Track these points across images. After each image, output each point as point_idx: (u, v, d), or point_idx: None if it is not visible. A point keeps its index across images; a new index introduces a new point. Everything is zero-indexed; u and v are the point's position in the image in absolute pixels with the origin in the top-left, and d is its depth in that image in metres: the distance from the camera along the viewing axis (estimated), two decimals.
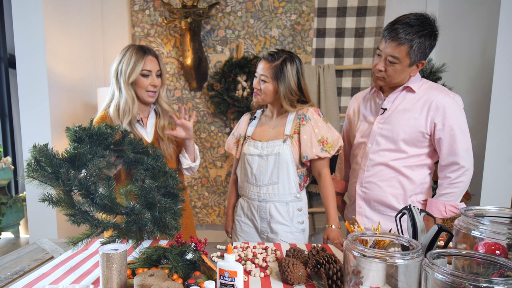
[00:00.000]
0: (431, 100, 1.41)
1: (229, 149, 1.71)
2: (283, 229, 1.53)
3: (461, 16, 2.36)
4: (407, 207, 1.05)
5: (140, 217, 1.01)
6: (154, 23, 2.68)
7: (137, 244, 1.08)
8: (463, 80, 2.30)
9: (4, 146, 3.10)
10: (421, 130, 1.42)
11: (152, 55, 1.49)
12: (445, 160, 1.42)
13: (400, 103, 1.47)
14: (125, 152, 1.10)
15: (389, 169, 1.49)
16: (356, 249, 0.82)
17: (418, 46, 1.34)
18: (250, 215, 1.60)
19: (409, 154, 1.46)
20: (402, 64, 1.38)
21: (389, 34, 1.36)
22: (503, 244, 0.82)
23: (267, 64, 1.49)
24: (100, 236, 1.10)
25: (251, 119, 1.68)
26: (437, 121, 1.39)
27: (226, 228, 1.75)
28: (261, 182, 1.54)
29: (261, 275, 1.08)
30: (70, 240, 0.99)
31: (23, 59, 2.10)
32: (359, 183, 1.58)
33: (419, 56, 1.37)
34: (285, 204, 1.53)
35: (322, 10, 2.59)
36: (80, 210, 0.97)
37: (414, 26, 1.33)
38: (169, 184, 1.12)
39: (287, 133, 1.53)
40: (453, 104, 1.39)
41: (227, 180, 2.77)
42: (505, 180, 2.00)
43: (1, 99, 3.06)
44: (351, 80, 2.64)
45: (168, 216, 1.05)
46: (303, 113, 1.54)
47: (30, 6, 2.06)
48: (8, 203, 2.93)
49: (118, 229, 1.02)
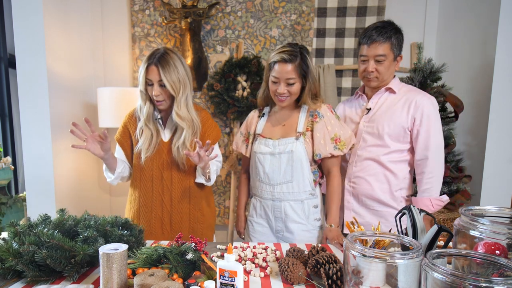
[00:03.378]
0: (411, 99, 1.56)
1: (238, 148, 1.67)
2: (299, 228, 1.51)
3: (461, 16, 2.36)
4: (407, 207, 1.06)
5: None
6: (154, 23, 2.68)
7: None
8: (463, 80, 2.30)
9: (4, 146, 3.10)
10: (403, 125, 1.56)
11: (153, 64, 1.43)
12: (419, 154, 1.56)
13: (384, 103, 1.62)
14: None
15: (376, 164, 1.60)
16: (356, 249, 0.82)
17: (396, 41, 1.54)
18: (264, 215, 1.57)
19: (392, 149, 1.58)
20: (389, 59, 1.54)
21: (369, 39, 1.53)
22: (503, 244, 0.82)
23: (291, 66, 1.42)
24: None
25: (259, 116, 1.64)
26: (417, 116, 1.54)
27: (239, 229, 1.72)
28: (274, 181, 1.51)
29: (261, 275, 1.08)
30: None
31: (23, 59, 2.10)
32: (347, 179, 1.67)
33: (399, 49, 1.56)
34: (300, 202, 1.51)
35: (322, 10, 2.59)
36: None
37: (386, 27, 1.53)
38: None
39: (300, 130, 1.51)
40: (430, 103, 1.55)
41: (227, 180, 2.77)
42: (505, 180, 2.00)
43: (1, 99, 3.06)
44: (351, 80, 2.64)
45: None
46: (316, 110, 1.53)
47: (30, 6, 2.06)
48: (8, 203, 2.92)
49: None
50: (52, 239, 1.01)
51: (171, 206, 1.56)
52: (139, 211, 1.58)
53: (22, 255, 0.99)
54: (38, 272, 1.00)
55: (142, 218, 1.57)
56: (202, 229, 1.62)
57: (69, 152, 2.35)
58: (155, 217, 1.57)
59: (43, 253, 0.98)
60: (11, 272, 1.02)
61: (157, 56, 1.44)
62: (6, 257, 1.00)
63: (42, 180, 2.15)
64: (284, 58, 1.42)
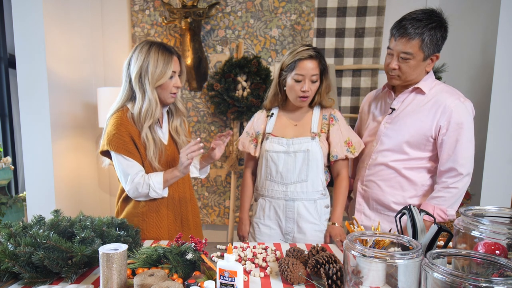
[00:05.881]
0: (439, 102, 1.39)
1: (245, 148, 1.63)
2: (312, 228, 1.51)
3: (461, 16, 2.36)
4: (407, 207, 1.05)
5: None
6: (154, 23, 2.68)
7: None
8: (463, 80, 2.30)
9: (4, 146, 3.10)
10: (426, 133, 1.40)
11: (176, 55, 1.41)
12: (444, 165, 1.40)
13: (409, 104, 1.46)
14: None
15: (389, 169, 1.50)
16: (356, 249, 0.82)
17: (429, 38, 1.32)
18: (274, 216, 1.55)
19: (411, 157, 1.45)
20: (416, 59, 1.35)
21: (398, 31, 1.35)
22: (503, 244, 0.82)
23: (316, 62, 1.45)
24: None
25: (268, 116, 1.63)
26: (443, 124, 1.37)
27: (243, 234, 1.66)
28: (288, 180, 1.50)
29: (261, 275, 1.08)
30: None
31: (23, 59, 2.10)
32: (360, 181, 1.60)
33: (432, 49, 1.35)
34: (313, 202, 1.51)
35: (322, 10, 2.59)
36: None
37: (422, 20, 1.32)
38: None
39: (314, 131, 1.52)
40: (462, 108, 1.36)
41: (227, 180, 2.77)
42: (505, 180, 2.00)
43: (1, 99, 3.06)
44: (351, 80, 2.64)
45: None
46: (331, 114, 1.56)
47: (30, 6, 2.06)
48: (8, 203, 2.92)
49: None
50: (48, 240, 1.01)
51: (185, 204, 1.55)
52: (149, 212, 1.47)
53: (19, 256, 0.99)
54: (35, 274, 1.00)
55: (152, 218, 1.46)
56: (198, 224, 1.65)
57: (69, 152, 2.35)
58: (171, 216, 1.50)
59: (40, 255, 0.97)
60: (7, 274, 1.02)
61: (171, 47, 1.41)
62: (2, 258, 1.00)
63: (42, 180, 2.15)
64: (311, 55, 1.43)
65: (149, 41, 1.40)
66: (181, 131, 1.53)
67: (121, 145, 1.35)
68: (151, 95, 1.36)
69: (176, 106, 1.52)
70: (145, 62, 1.35)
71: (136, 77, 1.36)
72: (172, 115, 1.52)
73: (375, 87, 2.58)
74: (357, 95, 2.64)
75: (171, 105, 1.51)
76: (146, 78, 1.35)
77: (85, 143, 2.55)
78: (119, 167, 1.38)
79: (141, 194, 1.38)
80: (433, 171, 1.47)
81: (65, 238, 1.07)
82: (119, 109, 1.42)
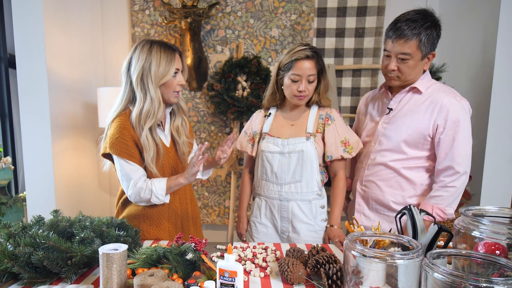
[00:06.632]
0: (436, 101, 1.40)
1: (243, 148, 1.64)
2: (306, 228, 1.51)
3: (461, 16, 2.36)
4: (407, 207, 1.05)
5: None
6: (154, 23, 2.68)
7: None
8: (463, 80, 2.30)
9: (4, 146, 3.10)
10: (423, 132, 1.42)
11: (177, 52, 1.39)
12: (441, 164, 1.40)
13: (406, 104, 1.47)
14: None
15: (388, 169, 1.50)
16: (356, 249, 0.81)
17: (426, 38, 1.34)
18: (269, 215, 1.56)
19: (409, 156, 1.46)
20: (415, 59, 1.37)
21: (394, 33, 1.36)
22: (503, 244, 0.82)
23: (313, 62, 1.44)
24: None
25: (265, 115, 1.64)
26: (440, 123, 1.39)
27: (240, 231, 1.68)
28: (283, 180, 1.50)
29: (261, 275, 1.08)
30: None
31: (23, 59, 2.10)
32: (359, 181, 1.60)
33: (429, 47, 1.37)
34: (308, 202, 1.51)
35: (322, 10, 2.59)
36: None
37: (417, 20, 1.34)
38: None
39: (310, 131, 1.51)
40: (458, 107, 1.37)
41: (227, 180, 2.77)
42: (505, 180, 2.00)
43: (1, 99, 3.06)
44: (351, 80, 2.64)
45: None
46: (327, 113, 1.55)
47: (30, 6, 2.06)
48: (8, 203, 2.92)
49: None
50: (48, 240, 1.01)
51: (185, 203, 1.55)
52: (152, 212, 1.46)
53: (18, 256, 0.99)
54: (34, 274, 1.00)
55: (153, 218, 1.46)
56: (198, 224, 1.65)
57: (69, 152, 2.35)
58: (171, 218, 1.49)
59: (40, 255, 0.97)
60: (6, 274, 1.01)
61: (172, 45, 1.40)
62: (1, 259, 1.00)
63: (42, 180, 2.15)
64: (308, 55, 1.43)
65: (149, 40, 1.37)
66: (182, 131, 1.51)
67: (124, 149, 1.32)
68: (154, 94, 1.33)
69: (179, 105, 1.49)
70: (147, 62, 1.31)
71: (138, 77, 1.33)
72: (174, 114, 1.51)
73: (375, 87, 2.58)
74: (357, 95, 2.64)
75: (174, 105, 1.48)
76: (148, 77, 1.32)
77: (85, 143, 2.55)
78: (121, 171, 1.35)
79: (143, 199, 1.36)
80: (432, 170, 1.48)
81: (65, 238, 1.07)
82: (122, 112, 1.38)
